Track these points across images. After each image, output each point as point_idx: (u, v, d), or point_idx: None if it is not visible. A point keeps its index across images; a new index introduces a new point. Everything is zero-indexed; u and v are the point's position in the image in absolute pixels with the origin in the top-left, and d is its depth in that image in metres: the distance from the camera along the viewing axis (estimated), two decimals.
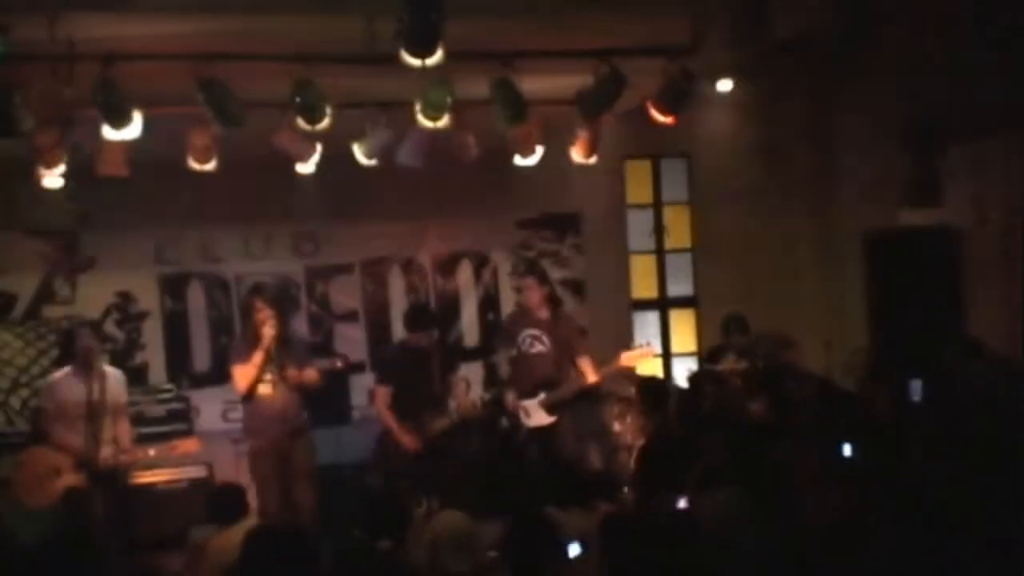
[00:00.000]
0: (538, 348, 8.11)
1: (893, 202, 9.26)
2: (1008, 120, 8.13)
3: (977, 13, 7.85)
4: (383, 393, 7.96)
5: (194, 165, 7.15)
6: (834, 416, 6.30)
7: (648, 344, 8.25)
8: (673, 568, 4.30)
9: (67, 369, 7.38)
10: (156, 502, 8.33)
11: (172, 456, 7.62)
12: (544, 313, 8.14)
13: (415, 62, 5.58)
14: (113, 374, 7.52)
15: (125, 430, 7.45)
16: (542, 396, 8.01)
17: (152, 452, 7.45)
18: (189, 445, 7.58)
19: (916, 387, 7.69)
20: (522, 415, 8.09)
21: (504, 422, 8.48)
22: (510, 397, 8.20)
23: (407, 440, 7.71)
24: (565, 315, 8.42)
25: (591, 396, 8.54)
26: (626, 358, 7.97)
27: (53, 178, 6.96)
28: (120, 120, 6.15)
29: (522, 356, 8.12)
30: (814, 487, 4.87)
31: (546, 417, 8.02)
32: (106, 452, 7.21)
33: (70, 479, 7.06)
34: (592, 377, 7.92)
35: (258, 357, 7.38)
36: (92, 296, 9.14)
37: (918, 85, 8.65)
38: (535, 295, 8.15)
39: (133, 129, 6.24)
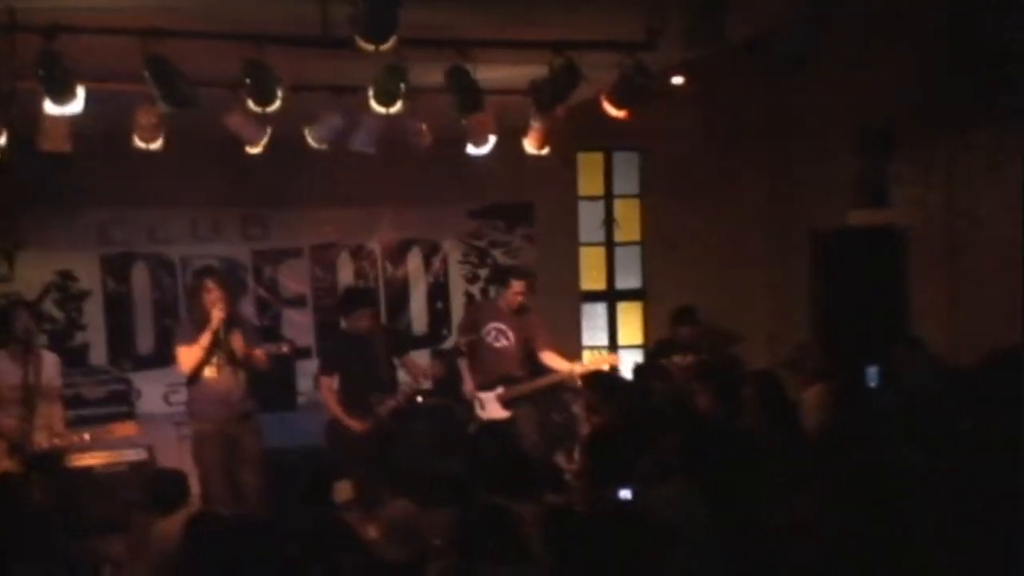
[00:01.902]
0: (502, 343, 8.14)
1: (842, 202, 9.35)
2: (952, 125, 8.25)
3: (925, 23, 7.95)
4: (327, 382, 7.96)
5: (140, 144, 7.04)
6: (779, 412, 6.32)
7: (610, 353, 8.27)
8: (615, 561, 4.30)
9: (2, 351, 7.20)
10: (96, 486, 8.20)
11: (109, 439, 7.51)
12: (512, 309, 8.16)
13: (369, 47, 5.51)
14: (48, 357, 7.37)
15: (58, 414, 7.32)
16: (500, 390, 8.03)
17: (87, 436, 7.31)
18: (127, 428, 7.49)
19: (872, 373, 7.79)
20: (477, 406, 8.12)
21: (458, 410, 8.47)
22: (468, 385, 8.21)
23: (354, 425, 7.72)
24: (530, 312, 8.41)
25: (550, 394, 8.57)
26: (592, 362, 8.02)
27: None
28: (63, 95, 5.99)
29: (485, 348, 8.13)
30: (764, 482, 4.89)
31: (501, 411, 8.05)
32: (40, 436, 7.08)
33: (3, 464, 6.94)
34: (576, 370, 7.93)
35: (205, 339, 7.29)
36: (31, 274, 8.98)
37: (868, 90, 8.74)
38: (519, 299, 8.14)
39: (76, 104, 6.08)
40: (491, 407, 8.07)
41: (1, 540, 6.58)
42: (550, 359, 8.13)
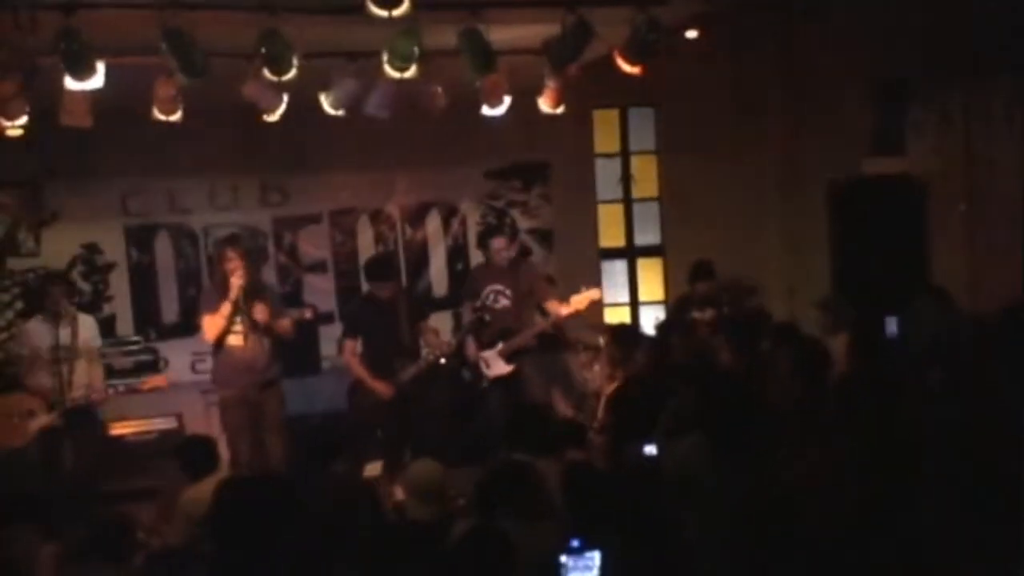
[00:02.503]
0: (502, 302, 8.22)
1: (858, 151, 9.34)
2: (968, 73, 8.21)
3: None
4: (350, 345, 8.04)
5: (159, 116, 7.09)
6: (800, 365, 6.35)
7: (590, 288, 8.28)
8: (635, 516, 4.37)
9: (38, 316, 7.54)
10: (126, 453, 8.36)
11: (142, 392, 7.86)
12: (506, 266, 8.24)
13: (382, 12, 5.54)
14: (84, 319, 7.68)
15: (98, 374, 7.64)
16: (500, 346, 8.12)
17: (122, 389, 7.82)
18: (157, 380, 7.94)
19: (891, 322, 7.83)
20: (482, 366, 8.22)
21: (466, 373, 8.55)
22: (471, 348, 8.30)
23: (380, 387, 7.81)
24: (527, 264, 8.50)
25: (556, 344, 8.65)
26: (574, 302, 8.05)
27: (15, 129, 6.91)
28: (83, 70, 6.06)
29: (486, 310, 8.21)
30: (784, 436, 4.94)
31: (504, 366, 8.16)
32: (78, 394, 7.39)
33: (43, 420, 7.19)
34: (555, 312, 7.97)
35: (226, 307, 7.39)
36: (57, 248, 9.08)
37: (884, 38, 8.69)
38: (503, 255, 8.22)
39: (96, 79, 6.15)
40: (495, 365, 8.17)
41: (37, 505, 6.78)
42: (552, 307, 8.20)
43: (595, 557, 3.63)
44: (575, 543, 3.64)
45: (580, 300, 8.04)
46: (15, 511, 6.45)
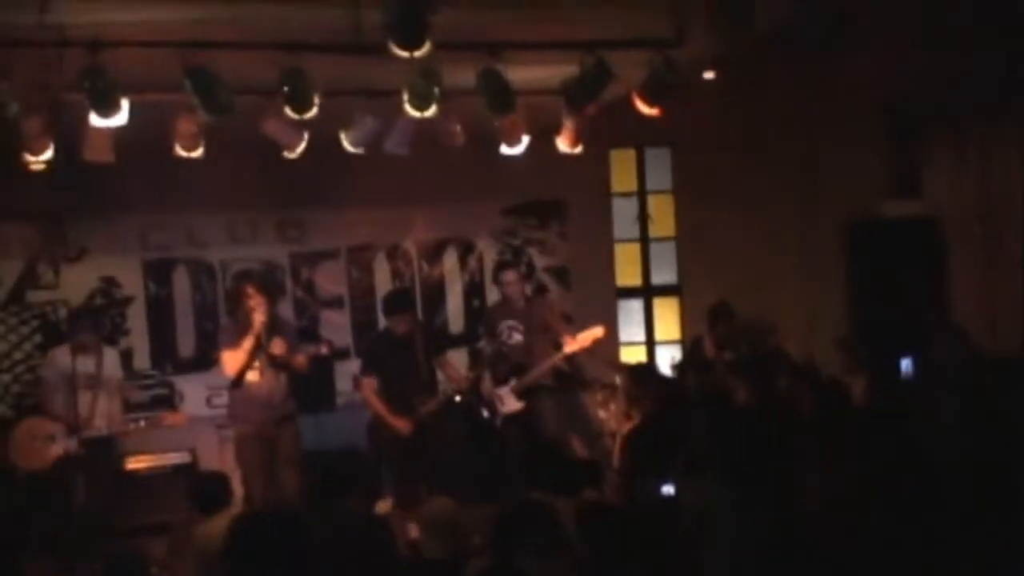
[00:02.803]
0: (515, 338, 8.24)
1: (875, 193, 9.34)
2: (983, 112, 8.22)
3: (955, 12, 7.94)
4: (368, 383, 8.03)
5: (181, 152, 7.15)
6: (820, 402, 6.33)
7: (595, 326, 8.27)
8: (652, 555, 4.34)
9: (64, 346, 7.71)
10: (140, 488, 8.36)
11: (159, 428, 7.89)
12: (520, 302, 8.25)
13: (404, 53, 5.59)
14: (108, 352, 7.90)
15: (117, 407, 7.78)
16: (512, 383, 8.12)
17: (142, 423, 7.86)
18: (176, 418, 7.92)
19: (907, 364, 7.81)
20: (496, 402, 8.21)
21: (483, 410, 8.55)
22: (487, 385, 8.30)
23: (399, 424, 7.80)
24: (543, 300, 8.50)
25: (572, 383, 8.63)
26: (579, 339, 8.03)
27: (38, 164, 6.98)
28: (107, 107, 6.13)
29: (501, 346, 8.22)
30: (802, 473, 4.92)
31: (515, 403, 8.14)
32: (100, 423, 7.54)
33: (63, 445, 7.25)
34: (568, 347, 7.96)
35: (248, 343, 7.42)
36: (76, 281, 9.12)
37: (897, 79, 8.71)
38: (516, 289, 8.25)
39: (120, 116, 6.23)
40: (508, 400, 8.19)
41: (53, 540, 6.79)
42: (568, 344, 8.18)
43: None
44: None
45: (584, 338, 8.04)
46: (30, 544, 6.48)
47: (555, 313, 8.46)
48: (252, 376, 7.53)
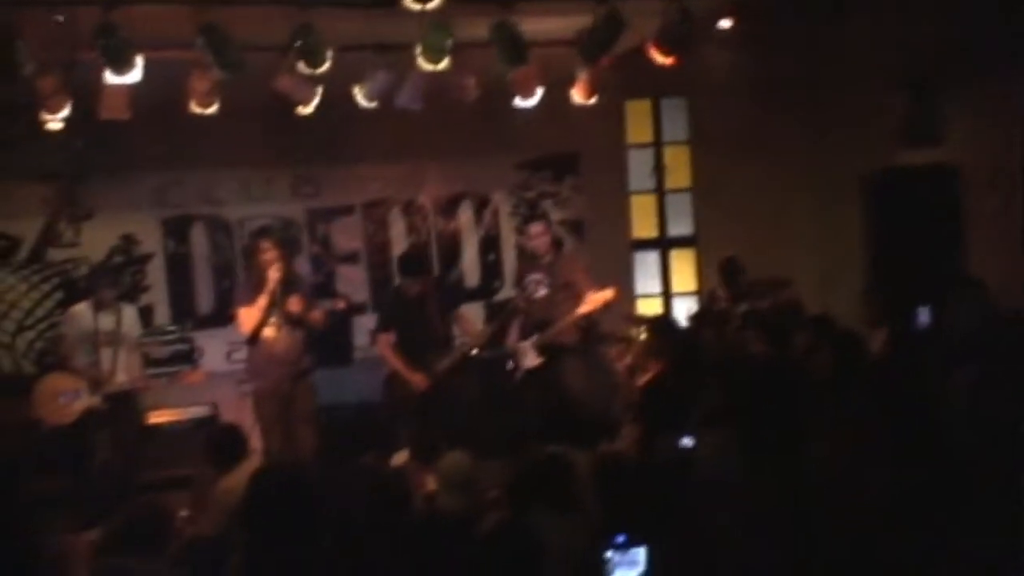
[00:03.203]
0: (540, 292, 8.18)
1: (892, 141, 9.27)
2: (1006, 59, 8.13)
3: None
4: (385, 339, 8.07)
5: (196, 109, 7.17)
6: (837, 357, 6.32)
7: (607, 290, 8.25)
8: (666, 509, 4.38)
9: (84, 303, 7.73)
10: (161, 442, 8.44)
11: (179, 386, 7.98)
12: (546, 256, 8.22)
13: (416, 6, 5.58)
14: (127, 310, 7.90)
15: (137, 363, 7.82)
16: (535, 338, 8.12)
17: (164, 381, 7.99)
18: (195, 376, 8.00)
19: (924, 313, 7.79)
20: (520, 356, 8.22)
21: (509, 363, 8.56)
22: (512, 338, 8.30)
23: (416, 379, 7.84)
24: (567, 255, 8.43)
25: (592, 337, 8.61)
26: (589, 301, 7.99)
27: (55, 123, 7.01)
28: (122, 64, 6.15)
29: (527, 300, 8.21)
30: (817, 428, 4.93)
31: (535, 359, 8.12)
32: (121, 378, 7.60)
33: (87, 401, 7.34)
34: (578, 311, 7.97)
35: (263, 300, 7.45)
36: (96, 239, 9.18)
37: (918, 24, 8.62)
38: (542, 242, 8.19)
39: (134, 73, 6.25)
40: (529, 355, 8.17)
41: (76, 494, 6.89)
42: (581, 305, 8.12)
43: (640, 553, 3.62)
44: (620, 539, 3.63)
45: (595, 299, 7.99)
46: (52, 500, 6.57)
47: (579, 268, 8.40)
48: (268, 332, 7.57)
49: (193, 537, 5.70)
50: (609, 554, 3.63)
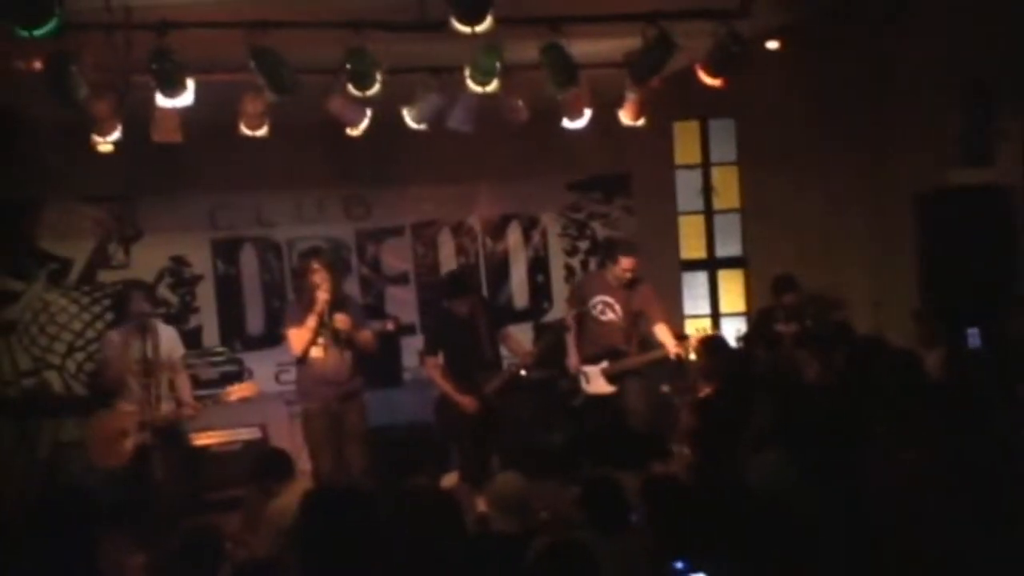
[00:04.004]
0: (609, 316, 8.09)
1: (944, 162, 9.16)
2: None
3: None
4: (432, 361, 8.04)
5: (247, 131, 7.21)
6: (890, 376, 6.24)
7: (696, 331, 8.18)
8: (719, 531, 4.32)
9: (121, 328, 7.56)
10: (211, 464, 8.49)
11: (229, 405, 7.65)
12: (623, 283, 8.08)
13: (465, 28, 5.59)
14: (165, 330, 7.66)
15: (185, 384, 7.64)
16: (605, 364, 8.03)
17: (210, 402, 7.63)
18: (245, 389, 7.68)
19: (974, 334, 7.71)
20: (582, 380, 8.13)
21: (563, 383, 8.49)
22: (573, 360, 8.19)
23: (465, 401, 7.80)
24: (643, 285, 8.28)
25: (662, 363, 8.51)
26: (672, 347, 7.88)
27: (107, 146, 7.08)
28: (174, 88, 6.20)
29: (591, 321, 8.11)
30: (872, 450, 4.87)
31: (606, 386, 8.02)
32: (167, 408, 7.41)
33: (136, 439, 7.25)
34: (670, 347, 7.86)
35: (312, 320, 7.46)
36: (146, 260, 9.29)
37: (971, 44, 8.53)
38: (631, 275, 8.06)
39: (186, 96, 6.29)
40: (596, 381, 8.06)
41: (128, 515, 6.91)
42: (661, 333, 8.02)
43: None
44: (679, 565, 3.57)
45: (692, 340, 7.88)
46: (107, 521, 6.59)
47: (655, 298, 8.26)
48: (317, 352, 7.55)
49: (244, 559, 5.71)
50: None
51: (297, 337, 7.55)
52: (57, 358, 9.10)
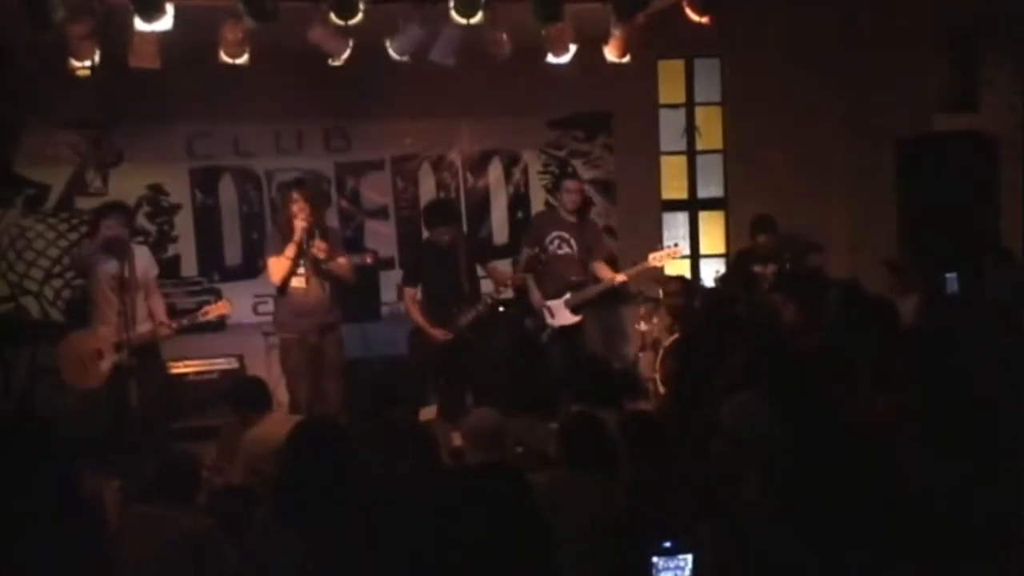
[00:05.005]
0: (565, 250, 8.22)
1: (928, 109, 9.16)
2: None
3: None
4: (411, 293, 8.08)
5: (226, 59, 7.12)
6: (862, 320, 6.28)
7: (676, 245, 8.31)
8: (695, 468, 4.36)
9: (95, 246, 7.50)
10: (189, 393, 8.50)
11: (207, 319, 7.72)
12: (573, 216, 8.23)
13: None
14: (139, 251, 7.66)
15: (159, 304, 7.67)
16: (568, 296, 8.11)
17: (185, 321, 7.67)
18: (221, 307, 7.76)
19: (952, 279, 7.77)
20: (546, 315, 8.21)
21: (528, 322, 8.55)
22: (535, 296, 8.29)
23: (437, 334, 7.85)
24: (592, 219, 8.44)
25: (618, 297, 8.62)
26: (653, 259, 8.04)
27: (84, 70, 6.98)
28: (152, 12, 6.12)
29: (549, 256, 8.21)
30: (843, 391, 4.90)
31: (571, 317, 8.16)
32: (143, 328, 7.42)
33: (112, 359, 7.25)
34: (618, 277, 8.01)
35: (291, 249, 7.44)
36: (124, 188, 9.15)
37: None
38: (576, 198, 8.21)
39: (165, 21, 6.21)
40: (560, 314, 8.19)
41: (104, 443, 6.92)
42: (600, 269, 8.24)
43: (688, 560, 3.55)
44: (667, 544, 3.57)
45: (661, 257, 8.04)
46: (83, 450, 6.59)
47: (599, 233, 8.43)
48: (297, 283, 7.56)
49: (221, 486, 5.74)
50: (655, 559, 3.56)
51: (276, 266, 7.53)
52: (35, 284, 9.03)
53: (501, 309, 8.27)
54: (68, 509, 3.60)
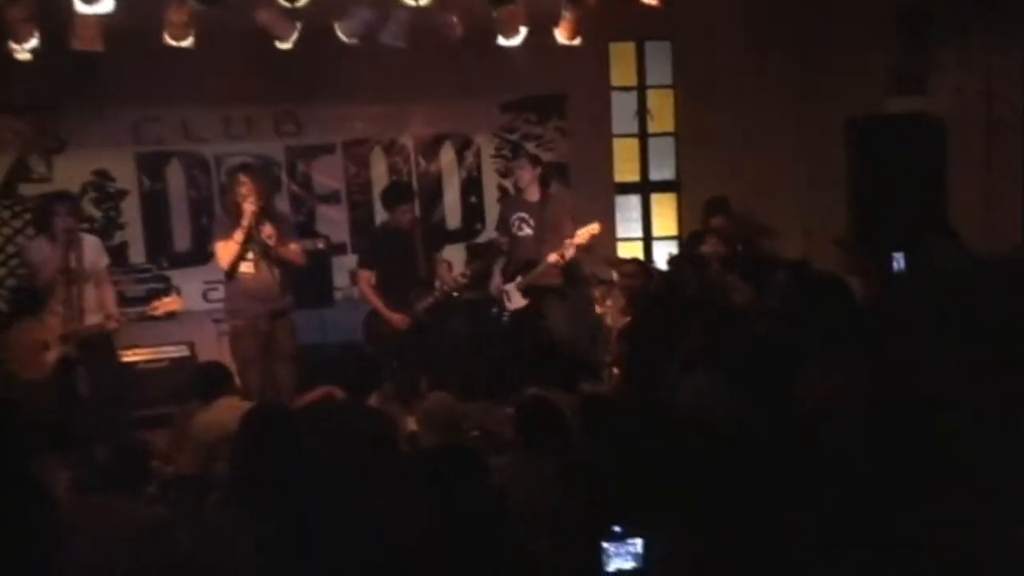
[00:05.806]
0: (525, 231, 8.20)
1: (878, 91, 9.21)
2: (992, 11, 8.08)
3: None
4: (366, 276, 8.03)
5: (171, 41, 7.01)
6: (811, 298, 6.32)
7: (592, 224, 8.22)
8: (650, 450, 4.36)
9: (42, 238, 7.40)
10: (138, 381, 8.38)
11: (155, 318, 7.60)
12: (534, 195, 8.20)
13: None
14: (88, 239, 7.55)
15: (109, 295, 7.57)
16: (519, 280, 8.10)
17: (133, 315, 7.60)
18: (171, 303, 7.60)
19: (899, 258, 7.84)
20: (504, 299, 8.20)
21: (494, 308, 8.51)
22: (496, 281, 8.28)
23: (395, 319, 7.82)
24: (556, 196, 8.40)
25: (579, 280, 8.59)
26: (578, 236, 7.96)
27: (24, 53, 6.85)
28: None
29: (511, 239, 8.20)
30: (796, 371, 4.92)
31: (520, 300, 8.11)
32: (92, 319, 7.31)
33: (59, 351, 7.13)
34: (550, 257, 7.94)
35: (239, 234, 7.36)
36: (69, 174, 9.00)
37: None
38: (525, 175, 8.19)
39: (106, 3, 6.10)
40: (515, 297, 8.16)
41: (57, 434, 6.81)
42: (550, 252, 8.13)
43: (637, 545, 3.56)
44: (617, 529, 3.57)
45: (581, 235, 7.96)
46: (34, 441, 6.48)
47: (567, 212, 8.36)
48: (246, 268, 7.48)
49: (172, 475, 5.68)
50: (605, 545, 3.56)
51: (224, 250, 7.45)
52: None
53: (456, 295, 8.20)
54: (21, 498, 3.55)
